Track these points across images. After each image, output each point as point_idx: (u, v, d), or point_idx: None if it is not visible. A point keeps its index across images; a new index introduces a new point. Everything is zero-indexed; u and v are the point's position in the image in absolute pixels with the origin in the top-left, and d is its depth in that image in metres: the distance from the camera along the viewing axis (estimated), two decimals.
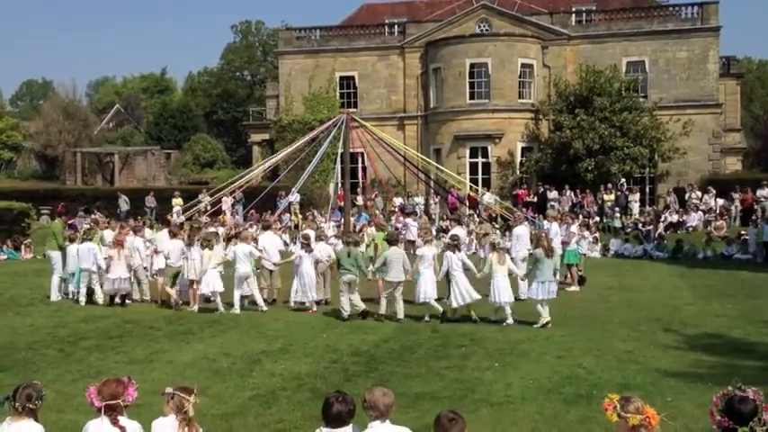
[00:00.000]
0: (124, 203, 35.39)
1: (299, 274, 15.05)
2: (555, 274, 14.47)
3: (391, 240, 14.74)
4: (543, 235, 14.13)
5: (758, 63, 70.61)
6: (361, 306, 14.09)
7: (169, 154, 52.17)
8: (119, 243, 15.96)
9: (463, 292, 13.54)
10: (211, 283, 14.96)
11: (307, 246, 15.14)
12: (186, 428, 5.29)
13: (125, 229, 17.87)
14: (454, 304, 13.69)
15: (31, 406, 5.34)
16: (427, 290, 13.83)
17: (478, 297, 13.68)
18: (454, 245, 14.04)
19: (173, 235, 16.22)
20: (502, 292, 13.37)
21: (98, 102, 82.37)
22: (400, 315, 13.80)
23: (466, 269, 13.97)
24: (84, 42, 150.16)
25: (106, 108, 76.11)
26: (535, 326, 12.84)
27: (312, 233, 15.98)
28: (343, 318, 13.81)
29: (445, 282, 14.04)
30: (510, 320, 13.19)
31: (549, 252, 13.33)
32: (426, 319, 13.69)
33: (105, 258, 15.84)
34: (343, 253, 14.36)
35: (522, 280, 14.22)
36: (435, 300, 13.98)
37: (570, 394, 8.74)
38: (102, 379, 5.58)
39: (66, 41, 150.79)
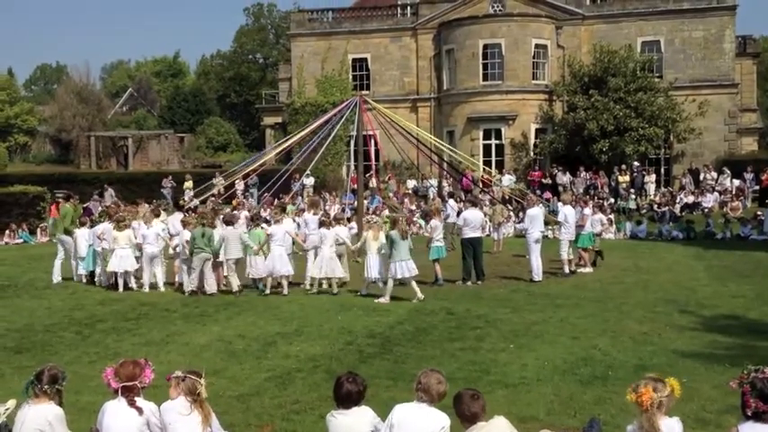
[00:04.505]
0: (110, 197, 34.45)
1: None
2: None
3: (227, 221, 15.40)
4: (400, 219, 15.03)
5: None
6: (195, 284, 14.82)
7: (182, 137, 52.25)
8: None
9: (323, 266, 14.55)
10: (114, 264, 15.38)
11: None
12: (200, 409, 5.35)
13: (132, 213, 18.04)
14: (313, 273, 14.80)
15: (58, 387, 5.39)
16: (275, 265, 14.70)
17: (342, 275, 15.04)
18: (328, 222, 15.28)
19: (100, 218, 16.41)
20: (372, 269, 14.21)
21: (111, 85, 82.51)
22: (235, 288, 14.85)
23: (340, 244, 15.17)
24: (98, 26, 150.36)
25: (119, 92, 76.31)
26: (376, 300, 13.62)
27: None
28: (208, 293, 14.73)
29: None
30: (383, 288, 13.95)
31: (405, 234, 13.98)
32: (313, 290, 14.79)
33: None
34: (198, 233, 14.79)
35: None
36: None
37: (586, 375, 8.71)
38: (120, 360, 5.62)
39: (79, 25, 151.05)
